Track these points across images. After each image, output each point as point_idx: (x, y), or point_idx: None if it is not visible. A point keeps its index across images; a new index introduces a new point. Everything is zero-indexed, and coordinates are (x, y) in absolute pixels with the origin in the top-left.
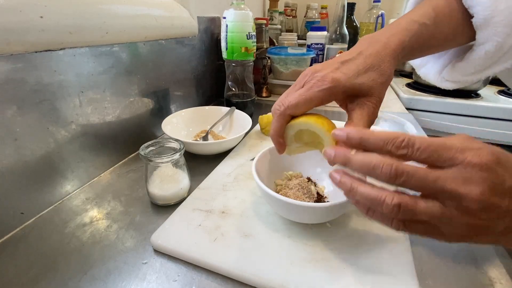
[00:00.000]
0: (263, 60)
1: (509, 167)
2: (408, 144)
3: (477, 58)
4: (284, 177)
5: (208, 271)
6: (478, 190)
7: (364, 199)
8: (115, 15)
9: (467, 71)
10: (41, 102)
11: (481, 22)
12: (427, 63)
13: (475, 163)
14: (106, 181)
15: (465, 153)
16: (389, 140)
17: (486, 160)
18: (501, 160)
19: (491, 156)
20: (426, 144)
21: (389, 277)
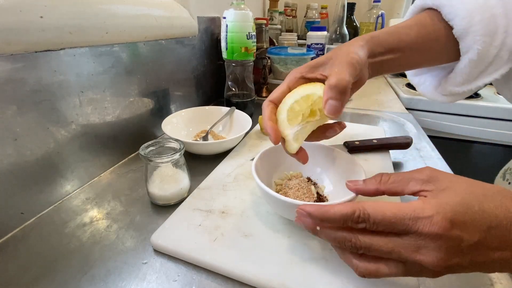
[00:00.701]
0: (263, 60)
1: (466, 224)
2: (364, 219)
3: (463, 67)
4: (284, 177)
5: (208, 271)
6: (434, 257)
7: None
8: (115, 15)
9: (456, 81)
10: (41, 102)
11: (461, 32)
12: (425, 81)
13: (427, 233)
14: (106, 181)
15: (417, 223)
16: (347, 217)
17: (437, 229)
18: (456, 222)
19: (443, 222)
20: (379, 218)
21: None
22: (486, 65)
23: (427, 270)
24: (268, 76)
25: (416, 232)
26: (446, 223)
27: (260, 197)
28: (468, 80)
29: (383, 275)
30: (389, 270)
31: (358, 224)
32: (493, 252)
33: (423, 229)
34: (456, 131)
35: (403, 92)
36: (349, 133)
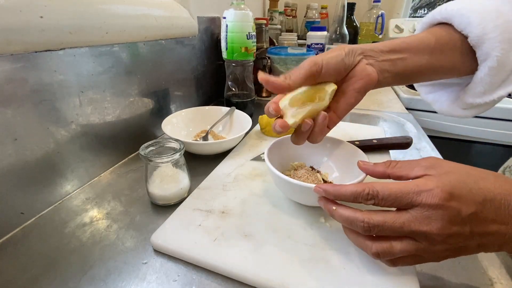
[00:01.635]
0: (263, 60)
1: (463, 197)
2: (373, 195)
3: (483, 75)
4: (290, 167)
5: (208, 271)
6: (437, 225)
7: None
8: (115, 15)
9: (477, 90)
10: (41, 102)
11: (476, 39)
12: (440, 97)
13: (429, 203)
14: (106, 181)
15: (420, 195)
16: (357, 194)
17: (438, 200)
18: (454, 194)
19: (443, 194)
20: (387, 193)
21: (389, 277)
22: (508, 72)
23: (434, 242)
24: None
25: (420, 204)
26: (445, 194)
27: (260, 196)
28: (489, 89)
29: (397, 251)
30: (402, 246)
31: (367, 200)
32: (490, 224)
33: (426, 201)
34: (456, 131)
35: (403, 92)
36: (349, 133)
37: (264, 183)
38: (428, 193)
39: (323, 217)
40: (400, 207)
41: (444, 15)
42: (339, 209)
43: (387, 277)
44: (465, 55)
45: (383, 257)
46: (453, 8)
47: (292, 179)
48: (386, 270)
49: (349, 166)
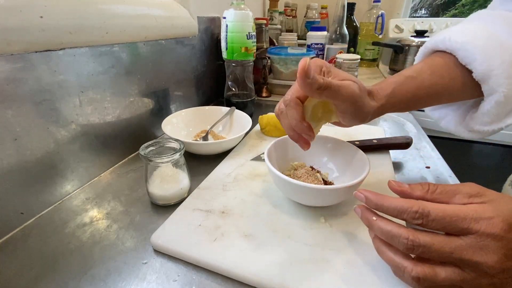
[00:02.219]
0: (263, 60)
1: None
2: (423, 215)
3: (490, 108)
4: (290, 167)
5: (208, 271)
6: (494, 258)
7: (390, 264)
8: (115, 15)
9: (484, 120)
10: (41, 102)
11: (482, 76)
12: (445, 115)
13: (489, 233)
14: (106, 181)
15: (479, 223)
16: (403, 209)
17: (499, 230)
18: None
19: (503, 224)
20: (441, 215)
21: (389, 277)
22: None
23: (483, 275)
24: (268, 76)
25: (477, 233)
26: (506, 226)
27: (260, 196)
28: (496, 119)
29: (441, 279)
30: (446, 274)
31: (415, 219)
32: None
33: (485, 229)
34: None
35: None
36: (349, 133)
37: (264, 183)
38: (489, 221)
39: (323, 217)
40: (453, 233)
41: (448, 47)
42: (380, 221)
43: (387, 277)
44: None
45: (423, 284)
46: (457, 40)
47: (292, 179)
48: (386, 270)
49: (349, 166)
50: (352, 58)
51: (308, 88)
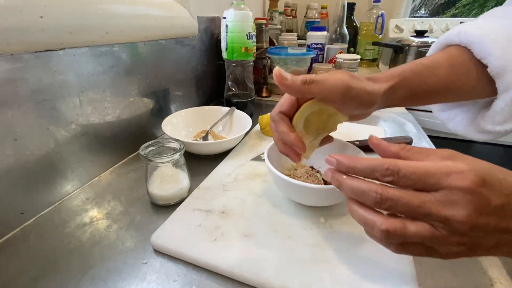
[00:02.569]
0: (263, 60)
1: (495, 186)
2: (393, 172)
3: (503, 106)
4: (290, 167)
5: (208, 271)
6: (464, 212)
7: (360, 221)
8: (115, 15)
9: (496, 119)
10: (41, 102)
11: (497, 71)
12: (455, 116)
13: (459, 186)
14: (106, 181)
15: (449, 177)
16: (375, 168)
17: (470, 183)
18: (486, 181)
19: (475, 178)
20: (411, 171)
21: (389, 277)
22: None
23: (453, 231)
24: (268, 76)
25: (447, 187)
26: (478, 179)
27: (260, 196)
28: (510, 118)
29: (411, 233)
30: (417, 228)
31: (385, 176)
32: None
33: (456, 183)
34: None
35: None
36: (349, 133)
37: (264, 183)
38: (459, 175)
39: (323, 217)
40: (424, 189)
41: (463, 40)
42: (349, 179)
43: (387, 277)
44: (481, 81)
45: (392, 237)
46: (473, 33)
47: (292, 179)
48: (386, 270)
49: None
50: (352, 58)
51: (293, 87)
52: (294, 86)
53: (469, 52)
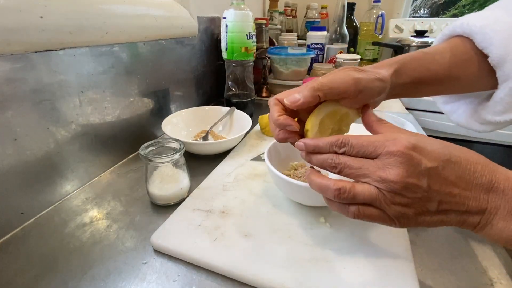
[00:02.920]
0: (263, 60)
1: (425, 150)
2: (345, 144)
3: (503, 96)
4: (290, 167)
5: (208, 271)
6: (395, 172)
7: (318, 189)
8: (115, 15)
9: (496, 109)
10: (41, 102)
11: (498, 60)
12: (457, 109)
13: (391, 151)
14: (106, 181)
15: (384, 144)
16: (332, 143)
17: (400, 147)
18: (417, 147)
19: (406, 143)
20: (356, 142)
21: (389, 277)
22: None
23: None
24: (268, 76)
25: (382, 153)
26: (408, 144)
27: (260, 196)
28: (510, 108)
29: (357, 192)
30: (363, 188)
31: (340, 148)
32: (451, 185)
33: (389, 149)
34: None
35: None
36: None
37: (264, 183)
38: (392, 142)
39: (323, 217)
40: (367, 156)
41: (466, 30)
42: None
43: (387, 277)
44: (483, 74)
45: (343, 195)
46: (475, 24)
47: (292, 179)
48: (386, 270)
49: None
50: (352, 58)
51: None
52: (307, 99)
53: (471, 42)
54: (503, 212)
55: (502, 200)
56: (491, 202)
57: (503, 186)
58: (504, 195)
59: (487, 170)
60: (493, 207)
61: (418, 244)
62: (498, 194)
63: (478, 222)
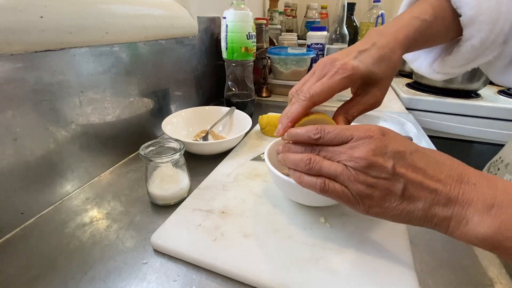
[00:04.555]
0: (263, 60)
1: (395, 140)
2: (320, 131)
3: (464, 52)
4: None
5: (208, 271)
6: (363, 149)
7: (292, 163)
8: (115, 15)
9: (456, 63)
10: (41, 102)
11: (468, 20)
12: (419, 57)
13: (362, 135)
14: (106, 181)
15: (357, 130)
16: (309, 131)
17: (370, 132)
18: (386, 133)
19: (377, 129)
20: (332, 129)
21: (389, 277)
22: (484, 49)
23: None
24: (268, 76)
25: (353, 138)
26: (378, 130)
27: (260, 196)
28: (466, 63)
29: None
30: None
31: (316, 134)
32: (418, 172)
33: (360, 134)
34: (456, 131)
35: (403, 92)
36: None
37: (264, 183)
38: (364, 127)
39: (323, 217)
40: (341, 142)
41: None
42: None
43: (387, 277)
44: (451, 28)
45: (312, 165)
46: None
47: (292, 179)
48: (385, 270)
49: None
50: None
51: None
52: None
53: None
54: (477, 205)
55: (475, 192)
56: (462, 193)
57: (475, 180)
58: (477, 187)
59: (456, 165)
60: (465, 199)
61: (418, 244)
62: (470, 186)
63: (450, 216)
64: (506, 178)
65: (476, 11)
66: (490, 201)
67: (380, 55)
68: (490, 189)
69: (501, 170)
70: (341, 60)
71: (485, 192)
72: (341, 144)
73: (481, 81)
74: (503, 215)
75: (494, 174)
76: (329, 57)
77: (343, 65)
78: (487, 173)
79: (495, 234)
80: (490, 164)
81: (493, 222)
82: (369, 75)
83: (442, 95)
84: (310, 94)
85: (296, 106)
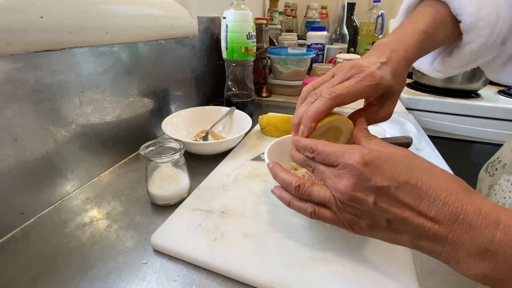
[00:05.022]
0: (263, 60)
1: (380, 170)
2: (313, 150)
3: (464, 55)
4: (290, 167)
5: (208, 271)
6: (343, 185)
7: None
8: (115, 15)
9: (455, 65)
10: (41, 102)
11: (468, 26)
12: None
13: (346, 163)
14: (106, 181)
15: (343, 155)
16: (306, 146)
17: (353, 161)
18: (371, 163)
19: (360, 159)
20: (321, 149)
21: (389, 277)
22: (483, 51)
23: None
24: (268, 76)
25: (340, 163)
26: (361, 160)
27: (260, 196)
28: (465, 64)
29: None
30: (320, 189)
31: (309, 153)
32: (401, 207)
33: (344, 160)
34: (456, 131)
35: (403, 92)
36: None
37: (264, 183)
38: (350, 154)
39: None
40: (329, 164)
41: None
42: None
43: (387, 277)
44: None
45: (301, 191)
46: None
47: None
48: (386, 270)
49: None
50: (352, 58)
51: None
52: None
53: (447, 8)
54: (469, 248)
55: (469, 234)
56: (453, 234)
57: (471, 220)
58: (472, 229)
59: (453, 200)
60: (456, 240)
61: None
62: (464, 228)
63: (439, 251)
64: (503, 178)
65: (476, 18)
66: (486, 245)
67: (396, 70)
68: (489, 229)
69: (499, 170)
70: (367, 67)
71: (481, 234)
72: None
73: (481, 81)
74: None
75: (492, 174)
76: (354, 61)
77: (372, 73)
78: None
79: (487, 277)
80: (488, 164)
81: (487, 265)
82: (389, 88)
83: (442, 95)
84: (336, 94)
85: (319, 105)
